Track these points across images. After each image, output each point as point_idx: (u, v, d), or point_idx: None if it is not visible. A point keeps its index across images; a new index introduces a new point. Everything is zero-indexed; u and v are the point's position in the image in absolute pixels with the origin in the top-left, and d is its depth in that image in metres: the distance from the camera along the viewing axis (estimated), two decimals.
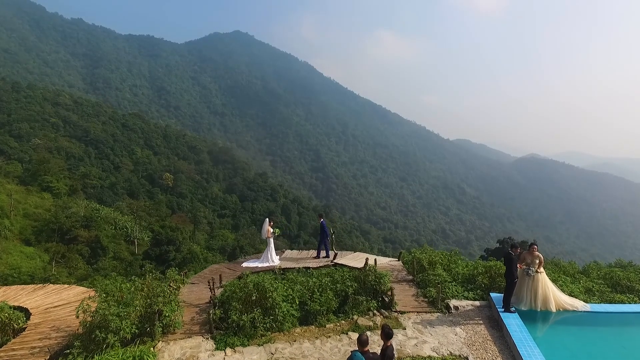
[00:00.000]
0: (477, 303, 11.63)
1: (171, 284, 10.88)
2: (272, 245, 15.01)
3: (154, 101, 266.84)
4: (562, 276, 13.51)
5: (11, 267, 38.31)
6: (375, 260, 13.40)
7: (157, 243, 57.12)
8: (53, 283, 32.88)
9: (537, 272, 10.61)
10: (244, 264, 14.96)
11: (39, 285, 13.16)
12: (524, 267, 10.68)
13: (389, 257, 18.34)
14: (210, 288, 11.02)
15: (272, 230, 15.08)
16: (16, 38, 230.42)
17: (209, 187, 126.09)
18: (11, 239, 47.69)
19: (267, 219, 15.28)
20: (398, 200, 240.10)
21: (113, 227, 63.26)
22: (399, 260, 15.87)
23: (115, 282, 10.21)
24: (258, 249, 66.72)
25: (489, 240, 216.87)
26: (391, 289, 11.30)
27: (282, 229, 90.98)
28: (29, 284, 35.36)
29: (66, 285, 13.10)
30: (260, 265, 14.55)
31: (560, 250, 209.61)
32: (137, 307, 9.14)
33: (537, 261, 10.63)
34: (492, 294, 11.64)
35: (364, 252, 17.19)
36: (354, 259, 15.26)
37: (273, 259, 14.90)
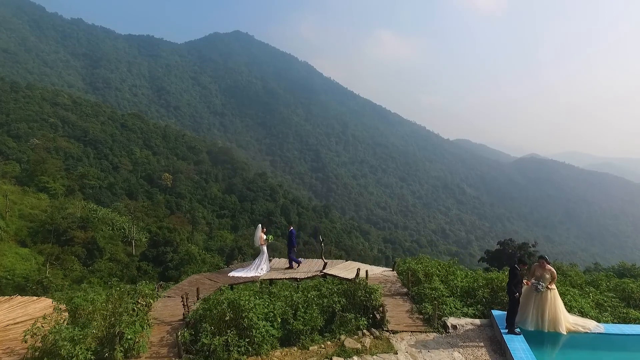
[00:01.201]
0: (477, 321, 10.61)
1: (140, 300, 9.83)
2: (265, 253, 14.26)
3: (154, 101, 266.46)
4: (570, 289, 12.51)
5: (5, 269, 37.90)
6: (366, 272, 12.50)
7: (154, 244, 56.74)
8: (45, 285, 32.71)
9: (547, 288, 9.55)
10: (231, 274, 14.03)
11: (6, 297, 11.97)
12: (533, 281, 9.58)
13: (383, 266, 17.27)
14: (183, 304, 10.00)
15: (265, 237, 14.30)
16: (16, 38, 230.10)
17: (208, 187, 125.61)
18: (6, 240, 47.28)
19: (260, 225, 14.57)
20: (398, 200, 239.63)
21: (110, 228, 62.90)
22: (393, 271, 14.79)
23: (86, 295, 9.41)
24: (257, 250, 66.25)
25: (489, 241, 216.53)
26: (382, 305, 10.30)
27: (277, 233, 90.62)
28: (23, 286, 35.08)
29: (35, 298, 12.00)
30: (245, 275, 13.69)
31: (561, 250, 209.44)
32: (95, 330, 8.06)
33: (548, 276, 9.56)
34: (495, 312, 10.57)
35: (356, 262, 16.34)
36: (345, 269, 14.35)
37: (262, 267, 14.03)
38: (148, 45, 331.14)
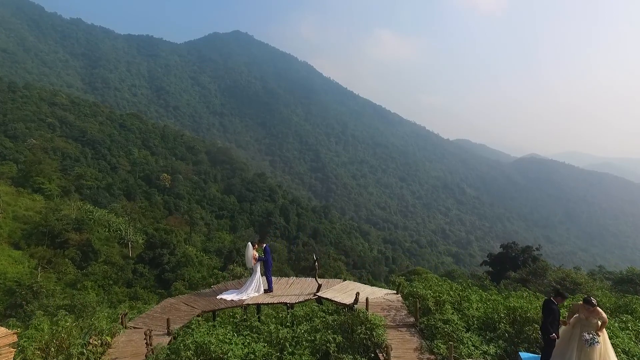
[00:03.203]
0: None
1: (92, 340, 8.09)
2: (258, 273, 12.95)
3: (153, 101, 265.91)
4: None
5: None
6: (367, 299, 10.93)
7: (151, 246, 56.11)
8: (35, 290, 31.96)
9: (597, 339, 7.68)
10: (221, 296, 12.63)
11: None
12: (587, 336, 7.68)
13: (383, 285, 15.54)
14: (146, 343, 8.41)
15: (257, 254, 12.98)
16: (14, 38, 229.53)
17: (207, 187, 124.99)
18: None
19: (250, 244, 13.09)
20: (398, 201, 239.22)
21: (107, 230, 62.16)
22: (397, 294, 12.93)
23: (40, 326, 8.30)
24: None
25: (489, 241, 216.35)
26: (387, 347, 8.48)
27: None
28: (13, 290, 34.36)
29: None
30: (237, 298, 12.39)
31: (561, 250, 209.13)
32: None
33: (596, 321, 7.75)
34: (523, 355, 8.71)
35: (354, 283, 14.87)
36: (342, 291, 12.80)
37: (253, 288, 12.71)
38: (147, 45, 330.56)
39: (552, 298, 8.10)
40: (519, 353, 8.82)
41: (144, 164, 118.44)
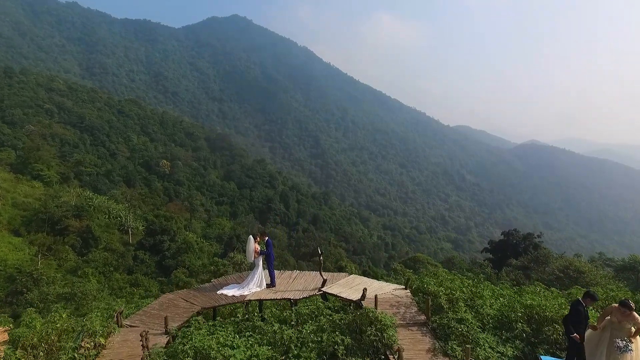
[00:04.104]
0: None
1: (84, 343, 7.47)
2: (260, 267, 12.45)
3: (152, 87, 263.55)
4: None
5: None
6: (375, 297, 10.25)
7: (151, 233, 56.13)
8: (36, 278, 31.96)
9: (630, 347, 7.14)
10: (221, 291, 12.14)
11: None
12: (619, 342, 7.14)
13: (392, 280, 14.27)
14: (142, 345, 7.88)
15: (259, 248, 12.44)
16: (10, 22, 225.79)
17: (207, 174, 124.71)
18: None
19: (251, 237, 12.51)
20: (397, 187, 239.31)
21: (107, 217, 62.13)
22: (406, 289, 12.24)
23: (32, 323, 7.94)
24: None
25: (488, 227, 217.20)
26: (399, 350, 7.69)
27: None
28: (15, 278, 34.36)
29: None
30: (238, 293, 11.92)
31: (559, 236, 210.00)
32: None
33: (631, 328, 7.18)
34: (545, 359, 8.07)
35: (360, 277, 14.10)
36: (348, 287, 12.25)
37: (255, 283, 12.25)
38: (145, 30, 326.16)
39: (580, 299, 7.63)
40: (540, 356, 8.14)
41: (143, 150, 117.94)
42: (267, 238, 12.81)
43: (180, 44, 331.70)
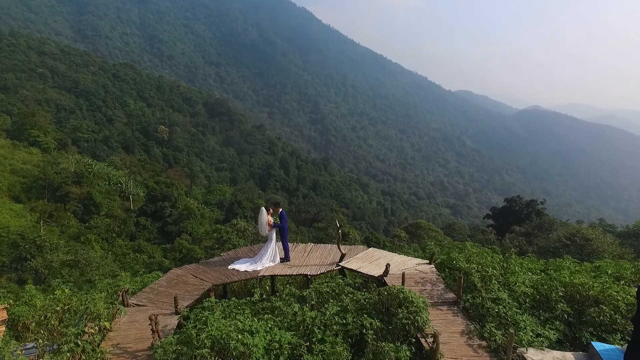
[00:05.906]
0: (570, 356, 7.02)
1: (88, 329, 6.89)
2: (274, 240, 11.72)
3: (146, 50, 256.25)
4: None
5: (0, 226, 37.26)
6: (403, 274, 9.41)
7: (152, 199, 56.17)
8: (39, 244, 32.14)
9: None
10: (232, 266, 11.45)
11: None
12: None
13: (412, 256, 13.28)
14: (152, 329, 7.22)
15: (272, 220, 11.69)
16: None
17: (206, 140, 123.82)
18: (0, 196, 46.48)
19: (264, 209, 11.73)
20: (397, 153, 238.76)
21: (107, 183, 61.96)
22: (430, 264, 11.30)
23: (31, 301, 7.58)
24: (256, 204, 65.62)
25: (486, 193, 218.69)
26: (435, 334, 6.92)
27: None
28: (18, 244, 34.54)
29: None
30: (251, 268, 11.26)
31: (557, 202, 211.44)
32: None
33: None
34: (597, 345, 6.97)
35: (379, 250, 13.17)
36: (368, 261, 11.42)
37: (268, 258, 11.59)
38: None
39: None
40: (592, 343, 7.18)
41: (141, 116, 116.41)
42: (280, 210, 12.05)
43: (174, 5, 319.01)
